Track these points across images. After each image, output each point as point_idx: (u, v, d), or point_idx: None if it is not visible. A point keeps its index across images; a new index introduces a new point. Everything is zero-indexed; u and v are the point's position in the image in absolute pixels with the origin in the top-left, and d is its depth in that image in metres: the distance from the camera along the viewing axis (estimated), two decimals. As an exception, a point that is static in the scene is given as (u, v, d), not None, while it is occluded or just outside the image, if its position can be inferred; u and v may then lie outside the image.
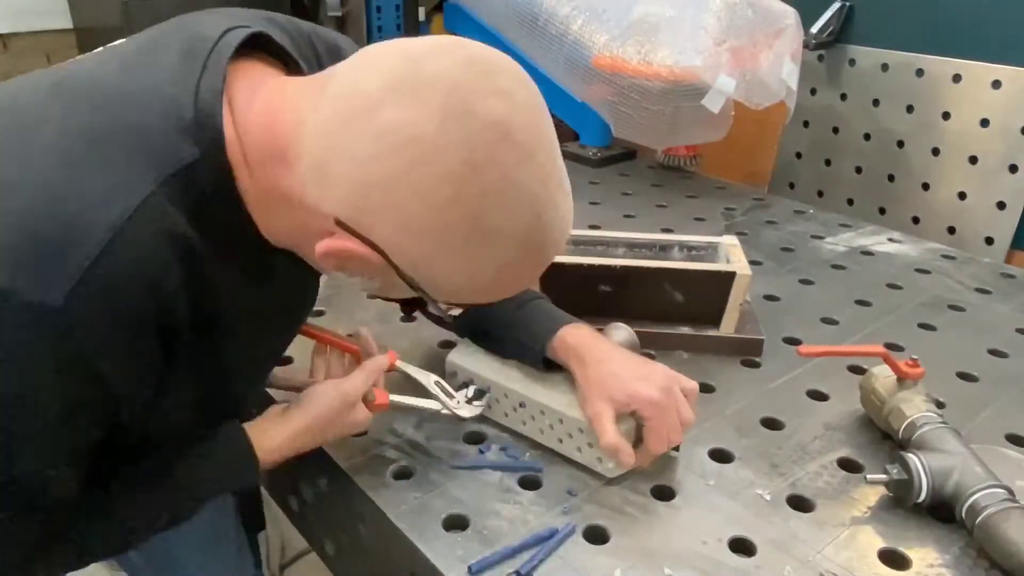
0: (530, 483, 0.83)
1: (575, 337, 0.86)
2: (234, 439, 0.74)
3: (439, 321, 0.86)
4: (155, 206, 0.56)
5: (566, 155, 2.00)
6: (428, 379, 0.87)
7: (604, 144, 1.96)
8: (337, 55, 0.76)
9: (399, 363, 0.88)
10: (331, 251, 0.60)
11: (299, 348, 1.06)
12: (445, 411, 0.86)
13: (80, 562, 0.69)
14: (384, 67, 0.56)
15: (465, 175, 0.54)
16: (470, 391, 0.89)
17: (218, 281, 0.62)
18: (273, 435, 0.76)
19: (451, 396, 0.87)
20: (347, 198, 0.57)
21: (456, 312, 0.77)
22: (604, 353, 0.84)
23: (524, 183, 0.56)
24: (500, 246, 0.58)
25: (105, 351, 0.55)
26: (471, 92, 0.54)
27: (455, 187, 0.54)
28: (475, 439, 0.90)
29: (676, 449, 0.85)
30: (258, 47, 0.66)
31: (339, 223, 0.58)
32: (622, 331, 0.96)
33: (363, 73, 0.57)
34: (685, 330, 1.08)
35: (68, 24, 2.49)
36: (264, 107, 0.61)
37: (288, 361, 1.03)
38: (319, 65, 0.74)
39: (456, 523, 0.77)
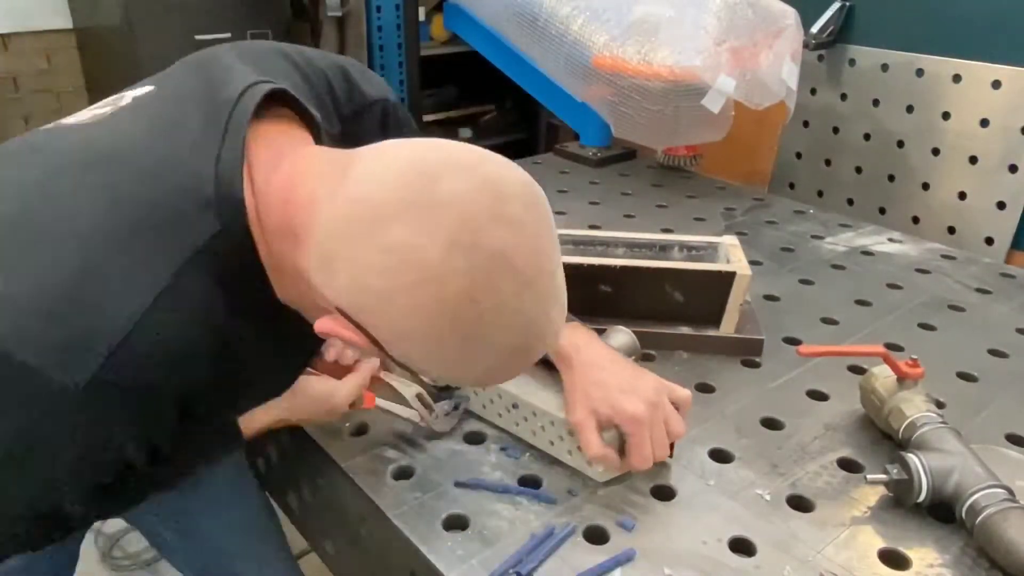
0: (530, 483, 0.83)
1: (568, 338, 0.85)
2: (224, 422, 0.79)
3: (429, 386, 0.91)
4: (181, 289, 0.57)
5: (566, 155, 2.02)
6: (410, 391, 0.89)
7: (604, 144, 1.96)
8: (352, 95, 0.79)
9: (383, 373, 0.91)
10: (330, 332, 0.60)
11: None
12: (423, 423, 0.89)
13: (80, 528, 0.74)
14: (401, 178, 0.56)
15: (463, 302, 0.55)
16: (448, 404, 0.90)
17: (241, 344, 0.64)
18: (257, 419, 0.82)
19: (431, 410, 0.89)
20: (348, 296, 0.57)
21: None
22: (593, 359, 0.83)
23: (521, 309, 0.57)
24: (491, 357, 0.59)
25: (122, 423, 0.58)
26: (480, 222, 0.55)
27: (452, 312, 0.55)
28: (475, 439, 0.90)
29: (669, 455, 0.84)
30: (277, 99, 0.67)
31: (339, 310, 0.59)
32: (622, 334, 0.96)
33: (380, 180, 0.57)
34: (685, 330, 1.09)
35: (68, 24, 2.49)
36: (284, 182, 0.61)
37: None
38: (334, 106, 0.76)
39: (456, 523, 0.77)
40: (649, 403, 0.79)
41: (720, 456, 0.88)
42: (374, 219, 0.55)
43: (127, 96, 0.70)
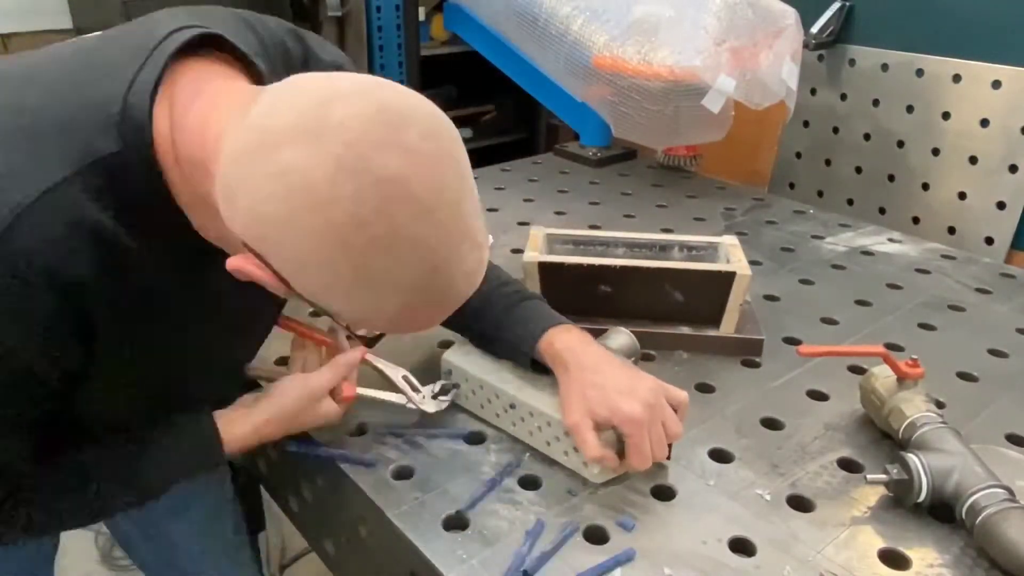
0: (530, 483, 0.83)
1: (562, 341, 0.85)
2: (203, 427, 0.78)
3: (356, 336, 0.85)
4: (65, 194, 0.58)
5: (566, 155, 2.02)
6: (396, 373, 0.89)
7: (604, 144, 1.96)
8: (308, 59, 0.77)
9: (369, 356, 0.89)
10: (239, 269, 0.61)
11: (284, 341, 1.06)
12: (411, 405, 0.88)
13: (48, 528, 0.75)
14: (297, 105, 0.56)
15: (351, 228, 0.54)
16: (436, 387, 0.90)
17: (147, 270, 0.65)
18: (239, 425, 0.80)
19: (417, 391, 0.88)
20: (247, 228, 0.58)
21: (363, 333, 0.80)
22: (589, 361, 0.82)
23: (418, 238, 0.56)
24: (389, 294, 0.58)
25: (10, 319, 0.58)
26: (370, 146, 0.54)
27: (342, 238, 0.55)
28: (476, 440, 0.90)
29: (667, 457, 0.84)
30: (218, 47, 0.67)
31: (245, 245, 0.59)
32: (623, 336, 0.96)
33: (278, 106, 0.57)
34: (685, 330, 1.08)
35: (68, 24, 2.49)
36: (199, 113, 0.62)
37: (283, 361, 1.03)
38: (287, 70, 0.74)
39: (456, 523, 0.77)
40: (647, 404, 0.78)
41: (720, 456, 0.88)
42: (267, 145, 0.56)
43: (78, 39, 0.72)
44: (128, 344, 0.68)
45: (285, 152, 0.54)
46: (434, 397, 0.90)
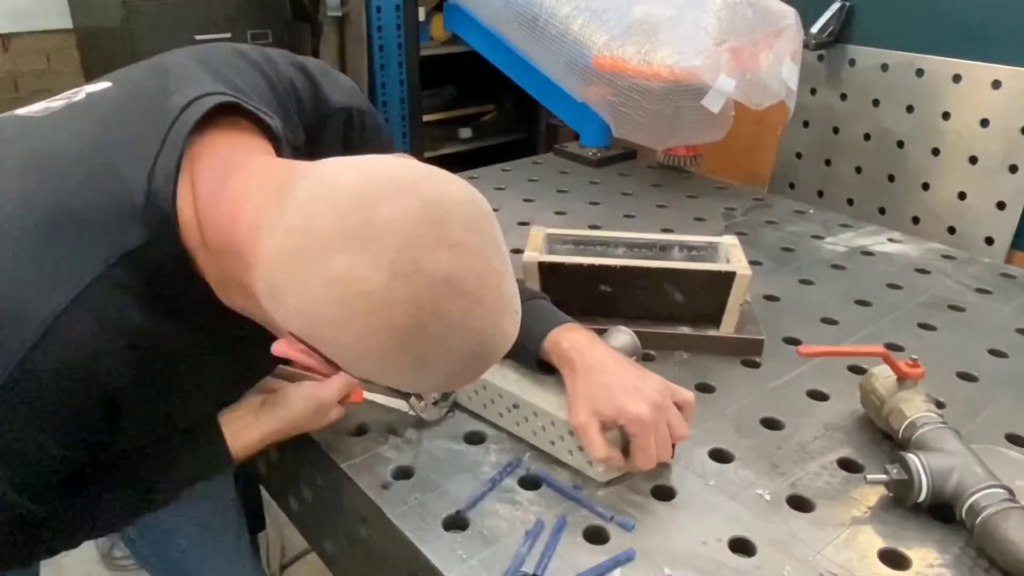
0: (530, 483, 0.83)
1: (568, 340, 0.85)
2: (211, 437, 0.80)
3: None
4: (96, 295, 0.58)
5: (566, 155, 2.02)
6: None
7: (604, 144, 1.96)
8: (317, 102, 0.78)
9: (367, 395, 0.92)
10: (287, 354, 0.61)
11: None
12: (412, 412, 0.90)
13: (56, 546, 0.74)
14: (339, 206, 0.56)
15: (411, 329, 0.55)
16: (436, 394, 0.91)
17: (178, 352, 0.66)
18: (247, 435, 0.82)
19: (420, 399, 0.90)
20: (299, 325, 0.58)
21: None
22: (596, 361, 0.83)
23: (470, 327, 0.57)
24: (445, 370, 0.59)
25: (42, 419, 0.60)
26: (421, 248, 0.54)
27: (400, 339, 0.55)
28: (475, 439, 0.90)
29: (671, 456, 0.85)
30: (233, 108, 0.66)
31: (293, 335, 0.59)
32: (624, 335, 0.96)
33: (318, 207, 0.56)
34: (685, 330, 1.08)
35: (68, 24, 2.49)
36: (230, 202, 0.61)
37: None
38: (299, 115, 0.76)
39: (456, 523, 0.77)
40: (653, 404, 0.78)
41: (720, 456, 0.88)
42: (315, 251, 0.55)
43: (84, 91, 0.70)
44: (153, 411, 0.69)
45: (335, 259, 0.54)
46: (435, 404, 0.91)
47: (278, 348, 0.61)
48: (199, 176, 0.62)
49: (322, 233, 0.55)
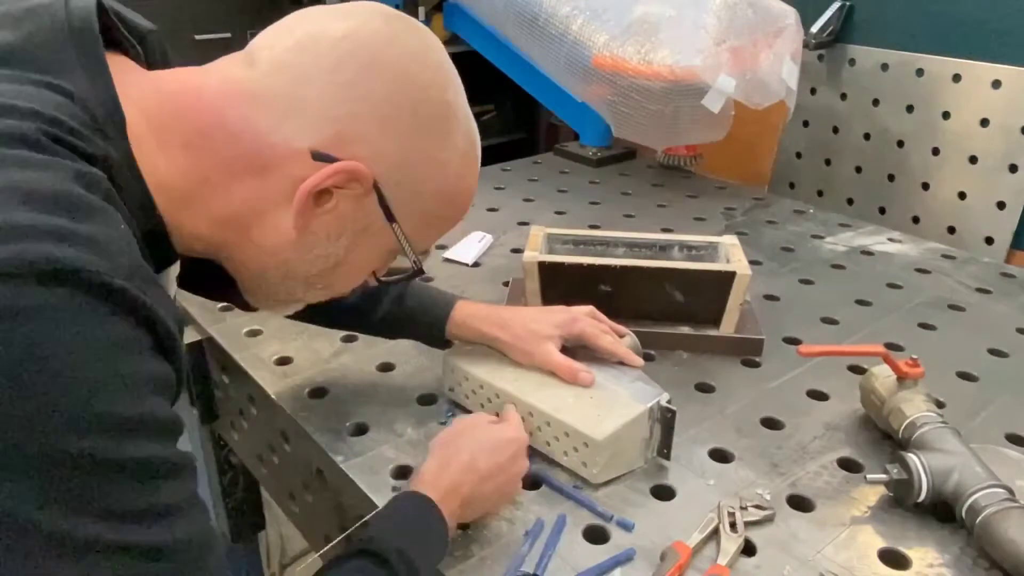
0: (530, 483, 0.83)
1: (477, 308, 0.94)
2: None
3: (407, 276, 0.73)
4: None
5: (566, 155, 2.03)
6: None
7: (604, 144, 1.96)
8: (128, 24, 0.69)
9: None
10: (314, 187, 0.58)
11: (301, 349, 1.06)
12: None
13: None
14: (312, 12, 0.62)
15: (420, 51, 0.62)
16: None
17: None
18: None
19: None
20: (321, 117, 0.58)
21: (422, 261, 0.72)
22: (515, 311, 0.95)
23: (450, 71, 0.65)
24: (457, 129, 0.64)
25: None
26: (398, 15, 0.63)
27: (412, 67, 0.61)
28: (475, 439, 0.90)
29: (667, 457, 0.85)
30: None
31: (315, 155, 0.58)
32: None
33: (296, 20, 0.62)
34: (685, 330, 1.08)
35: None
36: (180, 89, 0.58)
37: (288, 361, 1.03)
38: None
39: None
40: (576, 312, 0.93)
41: (720, 456, 0.88)
42: (313, 37, 0.59)
43: None
44: None
45: (333, 28, 0.59)
46: None
47: (306, 185, 0.57)
48: (124, 85, 0.55)
49: (310, 28, 0.60)
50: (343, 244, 0.64)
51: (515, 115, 3.30)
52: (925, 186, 1.74)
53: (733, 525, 0.75)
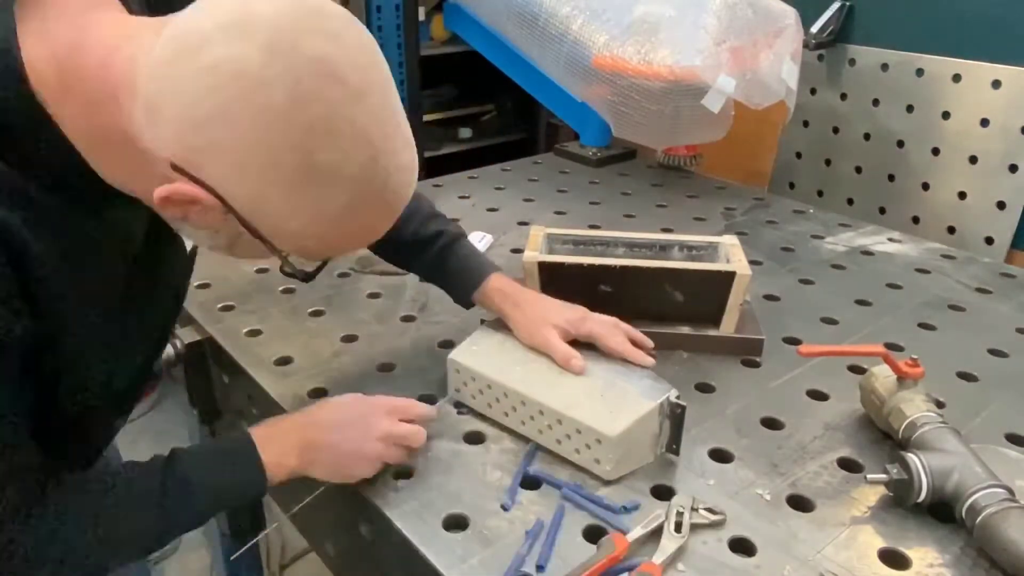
0: (530, 483, 0.83)
1: (505, 284, 0.98)
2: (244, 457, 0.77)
3: (293, 276, 0.71)
4: None
5: (566, 155, 2.03)
6: None
7: (604, 144, 1.96)
8: None
9: None
10: (168, 196, 0.58)
11: (301, 349, 1.06)
12: None
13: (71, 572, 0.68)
14: (217, 8, 0.57)
15: (290, 109, 0.55)
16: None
17: (36, 254, 0.59)
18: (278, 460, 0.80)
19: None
20: (178, 138, 0.56)
21: (311, 268, 0.71)
22: (536, 296, 0.99)
23: (355, 120, 0.57)
24: (334, 185, 0.58)
25: None
26: (297, 30, 0.55)
27: (281, 121, 0.55)
28: (475, 439, 0.90)
29: (676, 452, 0.85)
30: None
31: (174, 167, 0.57)
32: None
33: (197, 14, 0.57)
34: (685, 330, 1.08)
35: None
36: (99, 46, 0.59)
37: (288, 361, 1.03)
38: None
39: (456, 523, 0.77)
40: (597, 316, 0.96)
41: (720, 456, 0.88)
42: (192, 47, 0.55)
43: None
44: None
45: (212, 49, 0.55)
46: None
47: (160, 191, 0.58)
48: (49, 27, 0.59)
49: (200, 32, 0.56)
50: (223, 240, 0.64)
51: (515, 115, 3.30)
52: (925, 186, 1.74)
53: (679, 526, 0.75)
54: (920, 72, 1.69)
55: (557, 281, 1.06)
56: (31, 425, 0.65)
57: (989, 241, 1.64)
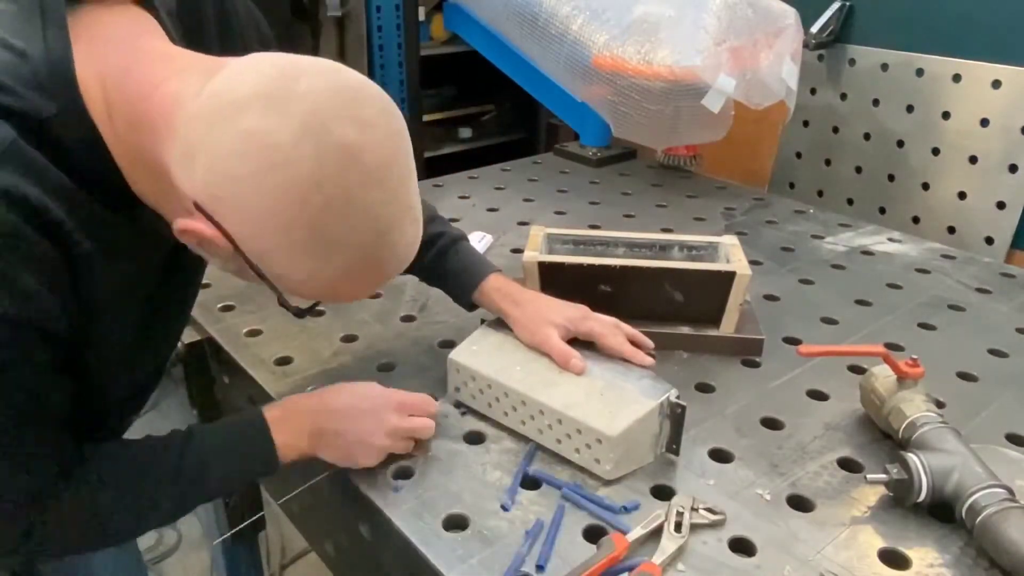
0: (530, 483, 0.83)
1: (505, 283, 0.99)
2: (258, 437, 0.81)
3: (286, 307, 0.78)
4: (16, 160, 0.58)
5: (566, 155, 2.03)
6: None
7: (604, 144, 1.96)
8: (228, 21, 0.81)
9: None
10: (187, 229, 0.63)
11: (301, 349, 1.06)
12: None
13: (100, 537, 0.75)
14: (262, 76, 0.60)
15: (310, 187, 0.59)
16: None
17: (85, 253, 0.64)
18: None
19: None
20: (205, 185, 0.60)
21: (305, 306, 0.77)
22: (536, 295, 0.99)
23: (368, 205, 0.61)
24: (337, 256, 0.63)
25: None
26: (332, 115, 0.59)
27: (300, 196, 0.59)
28: (475, 439, 0.90)
29: (676, 452, 0.85)
30: None
31: (197, 206, 0.61)
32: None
33: (243, 77, 0.61)
34: (685, 330, 1.08)
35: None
36: (147, 74, 0.63)
37: (289, 362, 1.03)
38: (198, 20, 0.75)
39: (456, 523, 0.77)
40: (596, 316, 0.96)
41: (720, 456, 0.88)
42: (233, 108, 0.59)
43: None
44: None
45: (251, 115, 0.58)
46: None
47: (180, 223, 0.62)
48: (98, 48, 0.62)
49: (242, 95, 0.59)
50: (232, 267, 0.68)
51: (515, 115, 3.30)
52: (925, 186, 1.74)
53: (679, 526, 0.75)
54: (920, 72, 1.69)
55: (557, 281, 1.06)
56: (65, 415, 0.69)
57: (989, 241, 1.64)
